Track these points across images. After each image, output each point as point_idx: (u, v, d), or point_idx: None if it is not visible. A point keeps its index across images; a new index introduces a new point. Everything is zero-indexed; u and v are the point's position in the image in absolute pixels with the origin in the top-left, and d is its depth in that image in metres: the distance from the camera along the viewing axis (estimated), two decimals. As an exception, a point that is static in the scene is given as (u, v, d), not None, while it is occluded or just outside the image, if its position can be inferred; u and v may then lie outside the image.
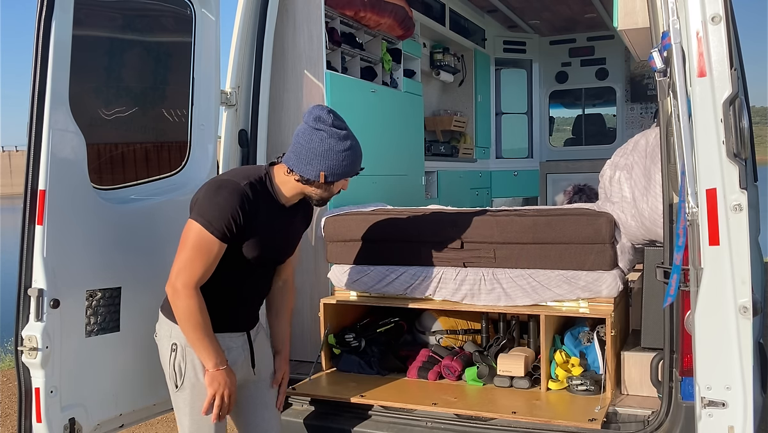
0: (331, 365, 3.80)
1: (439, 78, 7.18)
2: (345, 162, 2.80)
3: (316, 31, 4.11)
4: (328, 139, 2.75)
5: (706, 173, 2.35)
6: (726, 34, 2.33)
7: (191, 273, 2.66)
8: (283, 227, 2.91)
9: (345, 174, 2.85)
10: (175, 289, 2.67)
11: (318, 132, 2.76)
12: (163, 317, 2.86)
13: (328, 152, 2.76)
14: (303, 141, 2.78)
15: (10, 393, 6.05)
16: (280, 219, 2.88)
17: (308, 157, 2.76)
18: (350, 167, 2.84)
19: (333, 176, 2.80)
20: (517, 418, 3.08)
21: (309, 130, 2.77)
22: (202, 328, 2.68)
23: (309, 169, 2.77)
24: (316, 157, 2.76)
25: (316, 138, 2.75)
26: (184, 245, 2.68)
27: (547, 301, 3.41)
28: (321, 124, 2.76)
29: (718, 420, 2.39)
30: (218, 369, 2.72)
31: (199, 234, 2.65)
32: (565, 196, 6.20)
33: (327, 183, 2.82)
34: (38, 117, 2.79)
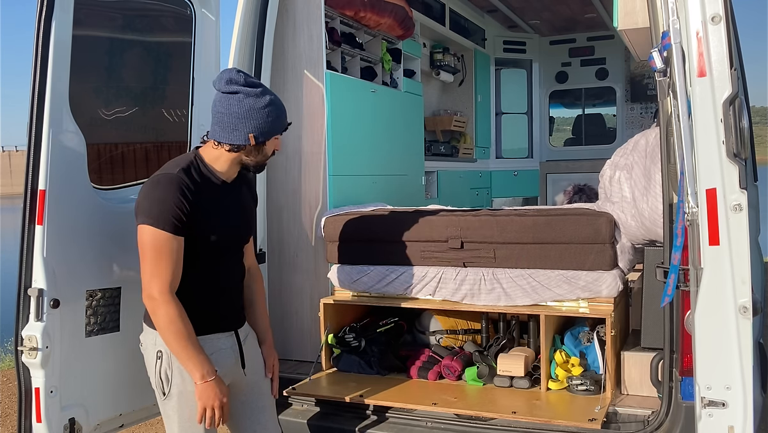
0: (331, 365, 3.80)
1: (439, 78, 7.18)
2: (270, 118, 2.70)
3: (316, 31, 4.11)
4: (246, 99, 2.65)
5: (706, 173, 2.35)
6: (726, 34, 2.33)
7: (162, 278, 2.57)
8: (232, 203, 2.82)
9: (273, 131, 2.74)
10: (151, 298, 2.58)
11: (234, 95, 2.65)
12: (146, 327, 2.76)
13: (249, 112, 2.66)
14: (222, 109, 2.67)
15: (10, 393, 6.05)
16: (226, 197, 2.80)
17: (232, 124, 2.66)
18: (277, 122, 2.74)
19: (262, 135, 2.70)
20: (517, 418, 3.08)
21: (224, 96, 2.67)
22: (185, 336, 2.58)
23: (236, 135, 2.67)
24: (240, 121, 2.66)
25: (234, 101, 2.65)
26: (143, 252, 2.59)
27: (547, 301, 3.41)
28: (234, 86, 2.66)
29: (718, 420, 2.39)
30: (206, 381, 2.61)
31: (153, 235, 2.57)
32: (565, 196, 6.21)
33: (258, 145, 2.72)
34: (38, 117, 2.79)
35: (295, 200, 4.12)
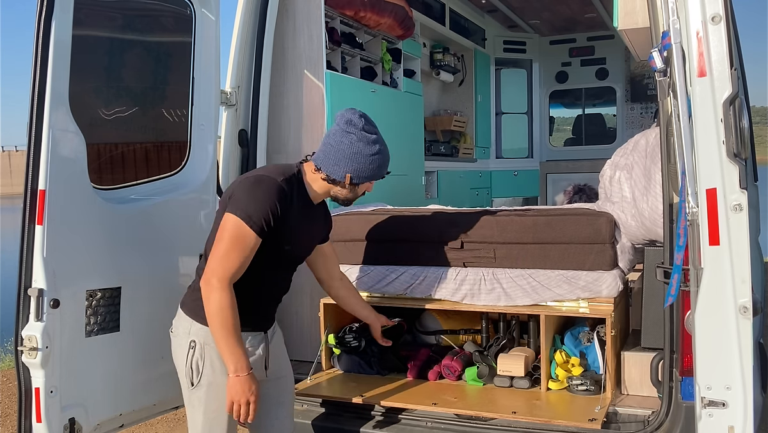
0: (331, 365, 3.80)
1: (439, 78, 7.19)
2: (372, 165, 2.90)
3: (316, 31, 4.11)
4: (357, 143, 2.86)
5: (706, 173, 2.35)
6: (726, 33, 2.33)
7: (227, 267, 2.66)
8: (310, 223, 2.99)
9: (371, 177, 2.94)
10: (209, 283, 2.66)
11: (348, 135, 2.86)
12: (182, 313, 2.85)
13: (356, 155, 2.86)
14: (333, 142, 2.87)
15: (10, 393, 6.05)
16: (308, 216, 2.96)
17: (336, 158, 2.85)
18: (377, 171, 2.94)
19: (359, 179, 2.90)
20: (517, 418, 3.08)
21: (340, 132, 2.87)
22: (231, 327, 2.65)
23: (336, 170, 2.87)
24: (344, 159, 2.85)
25: (346, 141, 2.85)
26: (221, 238, 2.69)
27: (547, 301, 3.41)
28: (352, 128, 2.86)
29: (718, 420, 2.39)
30: (238, 375, 2.66)
31: (239, 227, 2.67)
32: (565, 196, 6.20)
33: (352, 185, 2.92)
34: (38, 117, 2.79)
35: (295, 200, 4.12)
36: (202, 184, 3.57)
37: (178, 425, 5.34)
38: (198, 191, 3.56)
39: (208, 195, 3.60)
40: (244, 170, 3.89)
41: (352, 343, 3.70)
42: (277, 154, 4.14)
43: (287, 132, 4.14)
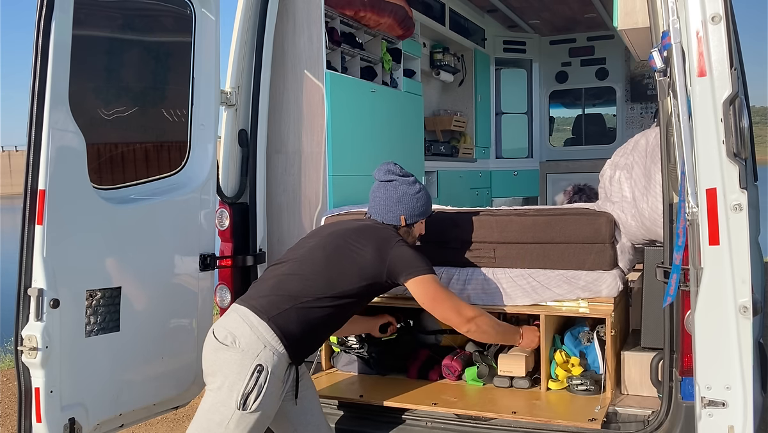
0: (330, 365, 3.80)
1: (439, 78, 7.18)
2: (419, 203, 3.21)
3: (316, 31, 4.11)
4: (401, 186, 3.19)
5: (706, 173, 2.35)
6: (726, 33, 2.33)
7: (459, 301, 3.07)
8: None
9: (422, 214, 3.25)
10: (469, 319, 3.03)
11: (391, 183, 3.20)
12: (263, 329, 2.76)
13: (403, 198, 3.18)
14: (380, 194, 3.20)
15: (10, 393, 6.05)
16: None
17: (388, 206, 3.17)
18: (424, 208, 3.25)
19: (411, 218, 3.20)
20: (517, 418, 3.08)
21: (382, 184, 3.21)
22: (499, 323, 3.23)
23: (390, 216, 3.18)
24: (395, 204, 3.17)
25: (391, 188, 3.19)
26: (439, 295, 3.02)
27: (547, 301, 3.41)
28: (392, 176, 3.21)
29: (718, 420, 2.39)
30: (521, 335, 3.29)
31: (437, 280, 3.04)
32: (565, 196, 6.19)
33: (408, 226, 3.21)
34: (38, 117, 2.78)
35: (295, 200, 4.12)
36: (202, 184, 3.56)
37: (178, 425, 5.34)
38: (198, 191, 3.56)
39: (208, 195, 3.60)
40: (244, 170, 3.89)
41: (353, 343, 3.70)
42: (277, 154, 4.14)
43: (287, 132, 4.13)
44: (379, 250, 2.97)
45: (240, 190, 3.89)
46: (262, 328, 2.77)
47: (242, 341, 2.76)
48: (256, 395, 2.70)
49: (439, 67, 7.09)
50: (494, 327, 3.15)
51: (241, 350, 2.75)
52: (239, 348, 2.75)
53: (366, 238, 3.02)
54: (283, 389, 2.86)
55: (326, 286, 2.90)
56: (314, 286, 2.89)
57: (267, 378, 2.72)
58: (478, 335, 3.11)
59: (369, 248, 2.97)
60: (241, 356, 2.73)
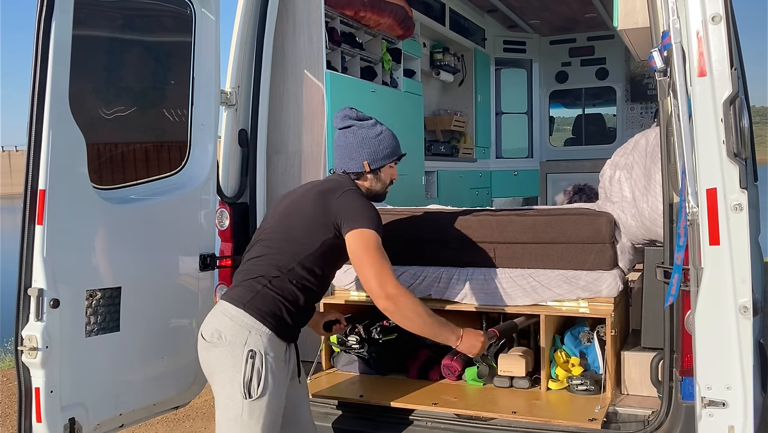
0: (330, 365, 3.80)
1: (439, 78, 7.19)
2: (382, 145, 2.98)
3: (316, 31, 4.11)
4: (360, 131, 2.98)
5: (707, 173, 2.35)
6: (726, 33, 2.32)
7: (389, 273, 2.74)
8: None
9: (388, 157, 3.01)
10: (389, 295, 2.71)
11: (349, 129, 2.99)
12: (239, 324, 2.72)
13: (363, 141, 2.96)
14: (340, 143, 3.01)
15: (10, 393, 6.05)
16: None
17: (349, 154, 2.97)
18: (390, 149, 3.02)
19: (376, 162, 2.98)
20: (517, 418, 3.08)
21: (341, 132, 3.01)
22: (430, 314, 2.80)
23: (353, 164, 2.97)
24: (356, 150, 2.96)
25: (350, 134, 2.98)
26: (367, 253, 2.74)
27: (547, 301, 3.41)
28: (349, 121, 3.00)
29: (719, 420, 2.39)
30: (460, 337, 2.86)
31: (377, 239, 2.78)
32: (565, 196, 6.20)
33: (373, 172, 3.00)
34: (38, 117, 2.78)
35: (295, 200, 4.11)
36: (202, 184, 3.56)
37: (178, 425, 5.35)
38: (198, 191, 3.55)
39: (208, 195, 3.60)
40: (244, 170, 3.89)
41: (353, 343, 3.69)
42: (277, 154, 4.14)
43: (287, 132, 4.13)
44: (325, 200, 2.82)
45: (240, 190, 3.89)
46: (241, 316, 2.74)
47: (227, 333, 2.73)
48: (257, 380, 2.67)
49: (439, 67, 7.09)
50: (420, 315, 2.76)
51: (228, 343, 2.72)
52: (226, 342, 2.73)
53: (315, 193, 2.89)
54: (288, 369, 2.85)
55: (291, 255, 2.80)
56: (281, 258, 2.80)
57: (263, 361, 2.68)
58: (398, 318, 2.76)
59: (318, 202, 2.84)
60: (231, 349, 2.71)
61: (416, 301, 2.78)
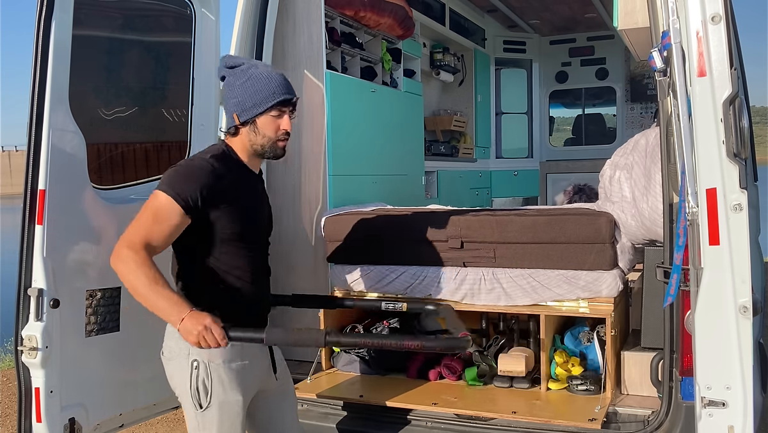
0: (330, 365, 3.80)
1: (439, 78, 7.18)
2: (248, 93, 2.56)
3: (316, 31, 4.11)
4: (229, 79, 2.63)
5: (706, 173, 2.35)
6: (726, 33, 2.33)
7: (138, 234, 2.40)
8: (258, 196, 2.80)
9: (257, 105, 2.56)
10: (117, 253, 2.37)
11: (223, 81, 2.67)
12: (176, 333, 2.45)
13: (231, 92, 2.60)
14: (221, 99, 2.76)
15: (10, 393, 6.05)
16: (256, 187, 2.77)
17: (226, 109, 2.65)
18: (259, 95, 2.56)
19: (246, 114, 2.57)
20: (517, 418, 3.08)
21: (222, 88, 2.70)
22: (155, 277, 2.36)
23: (228, 119, 2.63)
24: (225, 103, 2.64)
25: (225, 88, 2.65)
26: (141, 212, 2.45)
27: (547, 301, 3.41)
28: (223, 71, 2.67)
29: (718, 420, 2.39)
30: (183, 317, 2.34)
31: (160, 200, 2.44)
32: (565, 196, 6.21)
33: (249, 124, 2.59)
34: (38, 117, 2.79)
35: (295, 200, 4.12)
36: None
37: (178, 425, 5.34)
38: (198, 191, 3.55)
39: (208, 195, 3.59)
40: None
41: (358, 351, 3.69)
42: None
43: (287, 132, 4.12)
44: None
45: (240, 190, 3.88)
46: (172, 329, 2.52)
47: (172, 345, 2.58)
48: (203, 390, 2.53)
49: (439, 67, 7.09)
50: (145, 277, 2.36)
51: (177, 354, 2.58)
52: (175, 354, 2.58)
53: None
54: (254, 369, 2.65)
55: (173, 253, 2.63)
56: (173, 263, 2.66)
57: (207, 370, 2.52)
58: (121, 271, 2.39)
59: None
60: (179, 360, 2.58)
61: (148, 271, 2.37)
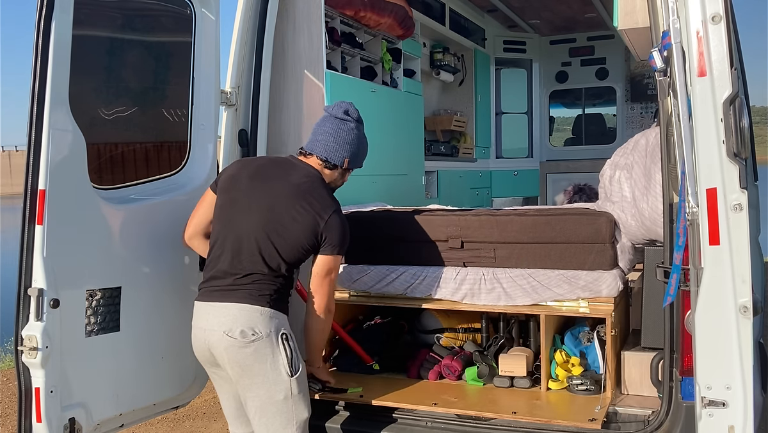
0: (330, 365, 3.80)
1: (439, 78, 7.19)
2: (362, 153, 3.20)
3: (316, 31, 4.11)
4: (355, 131, 3.14)
5: (707, 173, 2.35)
6: (726, 33, 2.33)
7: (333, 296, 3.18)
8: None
9: (358, 164, 3.23)
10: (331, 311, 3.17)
11: (345, 123, 3.12)
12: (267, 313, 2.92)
13: (353, 141, 3.13)
14: (331, 131, 3.12)
15: (10, 393, 6.05)
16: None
17: (337, 145, 3.10)
18: (363, 159, 3.24)
19: (352, 163, 3.17)
20: (517, 418, 3.08)
21: (336, 121, 3.13)
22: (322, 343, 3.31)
23: (336, 156, 3.11)
24: (344, 145, 3.11)
25: (345, 128, 3.12)
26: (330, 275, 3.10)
27: (547, 301, 3.41)
28: (349, 117, 3.13)
29: (719, 420, 2.39)
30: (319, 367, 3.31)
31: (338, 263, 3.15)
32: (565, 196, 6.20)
33: (345, 170, 3.18)
34: (38, 117, 2.78)
35: (295, 200, 4.11)
36: (202, 184, 3.56)
37: (178, 425, 5.35)
38: (198, 191, 3.54)
39: (208, 195, 3.59)
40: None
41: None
42: (276, 154, 4.13)
43: (287, 132, 4.13)
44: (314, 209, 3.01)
45: (240, 190, 3.88)
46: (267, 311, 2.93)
47: (260, 327, 2.90)
48: (296, 356, 2.94)
49: (439, 67, 7.09)
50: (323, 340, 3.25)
51: (263, 335, 2.89)
52: (262, 334, 2.89)
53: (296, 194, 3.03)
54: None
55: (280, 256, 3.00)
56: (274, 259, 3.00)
57: (292, 340, 2.96)
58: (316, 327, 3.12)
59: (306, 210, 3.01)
60: (268, 339, 2.90)
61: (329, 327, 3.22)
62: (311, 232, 3.00)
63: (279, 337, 2.91)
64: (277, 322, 2.93)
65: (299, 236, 3.00)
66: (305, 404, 2.97)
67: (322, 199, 3.05)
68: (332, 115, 3.14)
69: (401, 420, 3.30)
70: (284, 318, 2.99)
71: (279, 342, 2.90)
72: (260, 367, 2.89)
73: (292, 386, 2.92)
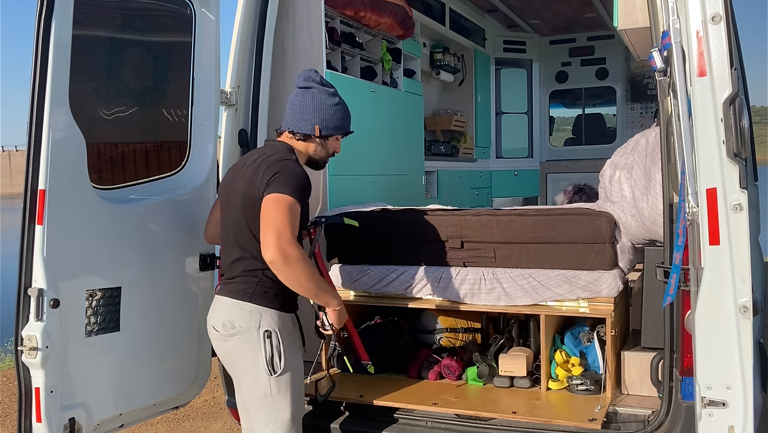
0: (330, 365, 3.79)
1: (439, 78, 7.18)
2: (336, 116, 3.04)
3: (316, 31, 4.11)
4: (319, 95, 3.02)
5: (707, 173, 2.35)
6: (726, 33, 2.33)
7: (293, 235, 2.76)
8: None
9: (337, 128, 3.07)
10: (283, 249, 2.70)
11: (309, 90, 3.02)
12: (246, 307, 2.88)
13: (320, 106, 3.01)
14: (296, 101, 3.04)
15: (10, 393, 6.05)
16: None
17: (303, 114, 3.01)
18: (341, 122, 3.07)
19: (327, 130, 3.03)
20: (517, 418, 3.08)
21: (300, 91, 3.04)
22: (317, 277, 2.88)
23: (304, 125, 3.01)
24: (310, 113, 3.01)
25: (308, 95, 3.02)
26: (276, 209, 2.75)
27: (547, 301, 3.41)
28: (311, 83, 3.03)
29: (719, 420, 2.39)
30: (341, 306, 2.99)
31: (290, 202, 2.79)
32: (565, 196, 6.20)
33: (322, 138, 3.04)
34: (38, 117, 2.78)
35: (295, 200, 4.11)
36: (202, 184, 3.57)
37: (178, 425, 5.35)
38: (198, 191, 3.56)
39: (208, 195, 3.60)
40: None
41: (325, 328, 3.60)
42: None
43: (287, 132, 4.12)
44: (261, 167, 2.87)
45: (240, 190, 3.88)
46: (249, 306, 2.90)
47: (239, 322, 2.89)
48: (278, 356, 2.87)
49: (439, 67, 7.09)
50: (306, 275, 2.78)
51: (243, 330, 2.89)
52: (241, 329, 2.89)
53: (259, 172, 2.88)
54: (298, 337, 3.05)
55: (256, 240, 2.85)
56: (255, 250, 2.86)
57: (279, 338, 2.88)
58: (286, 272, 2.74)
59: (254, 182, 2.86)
60: (247, 334, 2.88)
61: (308, 263, 2.81)
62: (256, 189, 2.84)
63: (261, 334, 2.87)
64: (260, 318, 2.88)
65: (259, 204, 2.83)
66: (289, 404, 2.91)
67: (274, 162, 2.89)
68: (296, 86, 3.07)
69: (401, 420, 3.31)
70: (272, 314, 2.90)
71: (261, 339, 2.86)
72: (241, 362, 2.92)
73: (272, 385, 2.88)
